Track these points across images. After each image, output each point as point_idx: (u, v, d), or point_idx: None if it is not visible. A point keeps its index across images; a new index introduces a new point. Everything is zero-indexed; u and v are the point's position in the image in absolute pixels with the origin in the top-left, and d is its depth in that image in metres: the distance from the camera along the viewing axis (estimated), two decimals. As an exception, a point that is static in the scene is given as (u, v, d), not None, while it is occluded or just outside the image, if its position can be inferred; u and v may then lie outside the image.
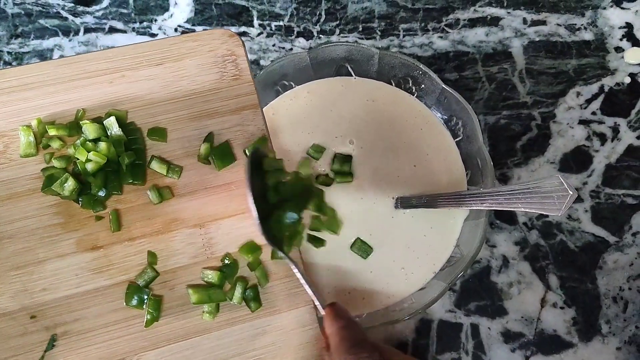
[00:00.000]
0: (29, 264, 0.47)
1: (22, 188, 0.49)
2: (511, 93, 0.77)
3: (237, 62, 0.53)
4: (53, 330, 0.46)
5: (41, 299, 0.47)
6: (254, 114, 0.52)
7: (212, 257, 0.49)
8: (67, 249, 0.48)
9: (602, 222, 0.72)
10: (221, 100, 0.52)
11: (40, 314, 0.47)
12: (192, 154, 0.51)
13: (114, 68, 0.52)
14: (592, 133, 0.75)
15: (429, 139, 0.69)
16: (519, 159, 0.75)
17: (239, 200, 0.50)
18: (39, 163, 0.49)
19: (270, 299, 0.50)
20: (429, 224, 0.67)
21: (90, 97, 0.51)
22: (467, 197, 0.62)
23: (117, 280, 0.48)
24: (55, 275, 0.48)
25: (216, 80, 0.52)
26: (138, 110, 0.51)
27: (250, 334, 0.48)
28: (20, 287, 0.47)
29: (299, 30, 0.82)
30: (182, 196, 0.50)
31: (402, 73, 0.71)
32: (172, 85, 0.52)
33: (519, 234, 0.72)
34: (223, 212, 0.50)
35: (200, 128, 0.51)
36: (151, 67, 0.52)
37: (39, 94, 0.51)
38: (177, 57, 0.53)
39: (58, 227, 0.48)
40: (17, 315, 0.46)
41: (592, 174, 0.74)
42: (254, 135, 0.52)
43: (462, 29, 0.80)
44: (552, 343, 0.68)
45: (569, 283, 0.70)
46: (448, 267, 0.66)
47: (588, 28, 0.80)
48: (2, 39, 0.82)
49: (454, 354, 0.69)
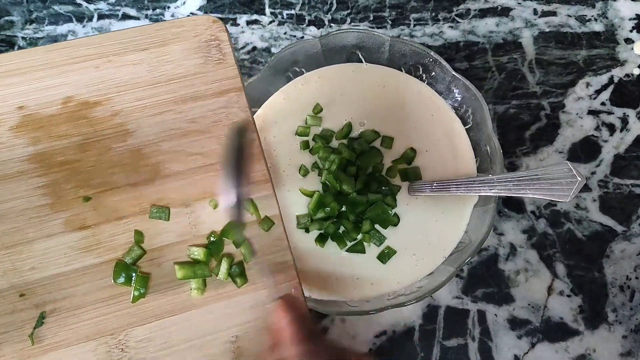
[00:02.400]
0: (18, 244, 0.48)
1: (10, 170, 0.49)
2: (521, 83, 0.78)
3: (220, 46, 0.54)
4: (42, 308, 0.47)
5: (30, 278, 0.48)
6: (238, 97, 0.53)
7: (198, 235, 0.50)
8: (55, 229, 0.49)
9: (610, 212, 0.72)
10: (205, 83, 0.53)
11: (29, 292, 0.47)
12: (176, 137, 0.52)
13: (101, 53, 0.53)
14: (601, 123, 0.76)
15: (440, 125, 0.70)
16: (528, 148, 0.75)
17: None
18: (27, 146, 0.50)
19: (255, 276, 0.50)
20: (440, 209, 0.67)
21: (77, 82, 0.52)
22: (476, 183, 0.63)
23: (105, 258, 0.49)
24: (44, 254, 0.48)
25: (200, 64, 0.53)
26: (124, 94, 0.52)
27: (236, 310, 0.49)
28: (10, 266, 0.48)
29: (310, 19, 0.82)
30: (168, 176, 0.51)
31: (413, 61, 0.71)
32: (157, 70, 0.53)
33: (527, 222, 0.72)
34: (209, 192, 0.51)
35: (184, 111, 0.52)
36: (137, 52, 0.53)
37: (25, 79, 0.51)
38: (162, 42, 0.54)
39: (46, 208, 0.49)
40: (6, 294, 0.47)
41: (601, 164, 0.74)
42: (238, 117, 0.53)
43: (472, 19, 0.81)
44: (559, 330, 0.69)
45: (576, 271, 0.71)
46: (456, 253, 0.66)
47: (598, 19, 0.80)
48: (16, 24, 0.83)
49: (460, 340, 0.69)
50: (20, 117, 0.51)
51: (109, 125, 0.51)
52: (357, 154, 0.68)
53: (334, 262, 0.67)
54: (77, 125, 0.51)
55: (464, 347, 0.69)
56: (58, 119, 0.51)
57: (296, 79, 0.73)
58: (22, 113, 0.51)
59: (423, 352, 0.69)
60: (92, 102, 0.52)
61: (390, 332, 0.70)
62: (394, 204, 0.68)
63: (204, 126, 0.52)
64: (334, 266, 0.67)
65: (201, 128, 0.52)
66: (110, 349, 0.47)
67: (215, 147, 0.52)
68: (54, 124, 0.51)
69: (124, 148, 0.51)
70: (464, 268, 0.71)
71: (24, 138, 0.50)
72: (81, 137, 0.51)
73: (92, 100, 0.52)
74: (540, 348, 0.68)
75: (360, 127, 0.71)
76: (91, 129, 0.51)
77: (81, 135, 0.51)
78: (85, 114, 0.51)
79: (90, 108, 0.52)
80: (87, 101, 0.52)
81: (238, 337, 0.49)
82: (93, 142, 0.51)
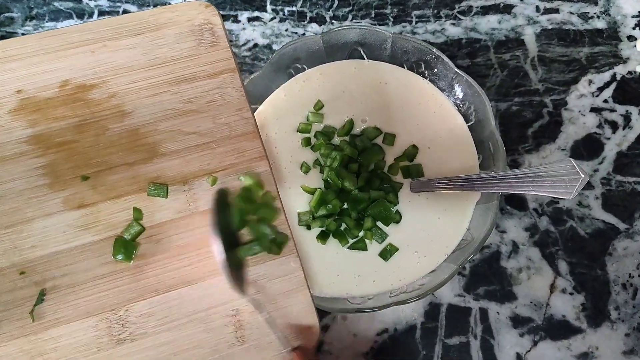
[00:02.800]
0: (18, 223, 0.49)
1: (9, 152, 0.51)
2: (523, 80, 0.77)
3: (213, 30, 0.55)
4: (42, 285, 0.48)
5: (30, 256, 0.49)
6: (232, 77, 0.54)
7: (196, 211, 0.51)
8: (54, 208, 0.50)
9: (613, 209, 0.72)
10: (199, 65, 0.54)
11: (29, 270, 0.48)
12: (172, 117, 0.53)
13: (96, 39, 0.54)
14: (603, 121, 0.75)
15: (442, 122, 0.70)
16: (530, 146, 0.75)
17: (220, 158, 0.53)
18: (25, 128, 0.51)
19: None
20: (442, 206, 0.67)
21: (73, 67, 0.53)
22: (479, 181, 0.62)
23: (104, 235, 0.50)
24: (44, 232, 0.49)
25: (194, 47, 0.55)
26: (119, 77, 0.53)
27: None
28: (10, 245, 0.49)
29: (311, 16, 0.82)
30: (165, 155, 0.52)
31: (415, 57, 0.71)
32: (151, 53, 0.54)
33: (529, 219, 0.72)
34: (205, 169, 0.52)
35: (180, 92, 0.54)
36: (131, 37, 0.54)
37: (23, 64, 0.53)
38: (155, 27, 0.55)
39: (45, 188, 0.50)
40: (6, 272, 0.48)
41: (603, 162, 0.74)
42: (233, 97, 0.54)
43: (474, 16, 0.81)
44: (561, 328, 0.69)
45: (579, 269, 0.70)
46: (458, 250, 0.66)
47: (601, 16, 0.80)
48: (17, 20, 0.83)
49: (462, 338, 0.69)
50: (18, 101, 0.52)
51: (106, 106, 0.53)
52: (358, 151, 0.68)
53: (335, 260, 0.67)
54: (74, 107, 0.52)
55: (466, 345, 0.68)
56: (55, 101, 0.52)
57: (298, 75, 0.72)
58: (20, 97, 0.52)
59: (425, 350, 0.68)
60: (89, 85, 0.53)
61: (391, 330, 0.69)
62: (396, 201, 0.67)
63: (199, 106, 0.53)
64: (336, 263, 0.67)
65: (196, 108, 0.53)
66: (111, 324, 0.48)
67: (210, 126, 0.53)
68: (52, 107, 0.52)
69: (121, 128, 0.52)
70: (466, 266, 0.71)
71: (22, 121, 0.51)
72: (78, 118, 0.52)
73: (89, 83, 0.53)
74: (543, 346, 0.68)
75: (362, 124, 0.71)
76: (88, 111, 0.52)
77: (78, 116, 0.52)
78: (82, 97, 0.53)
79: (87, 91, 0.53)
80: (83, 84, 0.53)
81: (238, 311, 0.50)
82: (90, 123, 0.52)
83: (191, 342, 0.49)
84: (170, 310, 0.49)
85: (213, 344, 0.49)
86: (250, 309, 0.49)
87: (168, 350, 0.48)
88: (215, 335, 0.49)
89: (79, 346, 0.47)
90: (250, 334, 0.49)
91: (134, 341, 0.48)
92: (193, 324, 0.49)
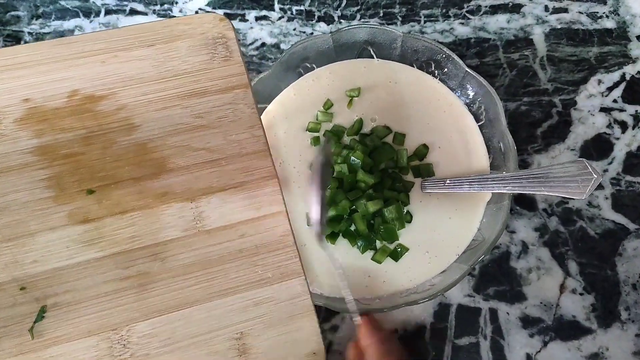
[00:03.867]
0: (20, 236, 0.48)
1: (14, 162, 0.49)
2: (532, 80, 0.77)
3: (227, 44, 0.54)
4: (43, 302, 0.46)
5: (32, 271, 0.47)
6: (244, 93, 0.53)
7: (202, 230, 0.50)
8: (58, 222, 0.48)
9: (623, 210, 0.72)
10: (211, 80, 0.53)
11: (30, 286, 0.47)
12: (182, 132, 0.52)
13: (107, 48, 0.53)
14: (613, 121, 0.75)
15: (452, 121, 0.69)
16: (539, 146, 0.75)
17: (229, 175, 0.51)
18: (31, 138, 0.50)
19: (262, 271, 0.50)
20: (453, 206, 0.67)
21: (83, 77, 0.52)
22: (490, 180, 0.62)
23: (108, 252, 0.48)
24: (46, 247, 0.48)
25: (206, 61, 0.54)
26: (129, 89, 0.52)
27: (241, 306, 0.49)
28: (11, 259, 0.47)
29: (319, 15, 0.82)
30: (173, 170, 0.51)
31: (425, 57, 0.71)
32: (163, 65, 0.53)
33: (539, 220, 0.72)
34: (214, 187, 0.51)
35: (190, 106, 0.53)
36: (143, 48, 0.53)
37: (32, 72, 0.52)
38: (168, 38, 0.54)
39: (49, 200, 0.49)
40: (7, 287, 0.47)
41: (613, 162, 0.74)
42: (244, 114, 0.53)
43: (483, 16, 0.80)
44: (571, 329, 0.68)
45: (589, 269, 0.70)
46: (469, 251, 0.66)
47: (610, 16, 0.80)
48: (23, 19, 0.83)
49: (472, 338, 0.68)
50: (25, 110, 0.51)
51: (114, 119, 0.51)
52: (369, 149, 0.67)
53: (346, 260, 0.66)
54: (81, 118, 0.51)
55: (476, 345, 0.68)
56: (63, 112, 0.51)
57: (307, 74, 0.72)
58: (27, 106, 0.51)
59: (434, 351, 0.68)
60: (98, 96, 0.52)
61: (401, 330, 0.69)
62: (407, 201, 0.67)
63: (210, 121, 0.52)
64: (346, 263, 0.66)
65: (207, 123, 0.52)
66: (112, 344, 0.47)
67: (221, 142, 0.52)
68: (59, 117, 0.51)
69: (129, 142, 0.51)
70: (476, 266, 0.70)
71: (28, 130, 0.50)
72: (86, 130, 0.51)
73: (98, 94, 0.52)
74: (553, 347, 0.68)
75: (372, 123, 0.70)
76: (96, 123, 0.51)
77: (86, 128, 0.51)
78: (91, 108, 0.51)
79: (96, 102, 0.52)
80: (92, 95, 0.52)
81: (243, 334, 0.48)
82: (98, 136, 0.51)
83: None
84: (174, 332, 0.48)
85: None
86: (255, 332, 0.48)
87: None
88: (219, 358, 0.48)
89: None
90: (254, 359, 0.48)
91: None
92: (196, 347, 0.48)
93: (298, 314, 0.49)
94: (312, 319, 0.49)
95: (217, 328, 0.48)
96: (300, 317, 0.49)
